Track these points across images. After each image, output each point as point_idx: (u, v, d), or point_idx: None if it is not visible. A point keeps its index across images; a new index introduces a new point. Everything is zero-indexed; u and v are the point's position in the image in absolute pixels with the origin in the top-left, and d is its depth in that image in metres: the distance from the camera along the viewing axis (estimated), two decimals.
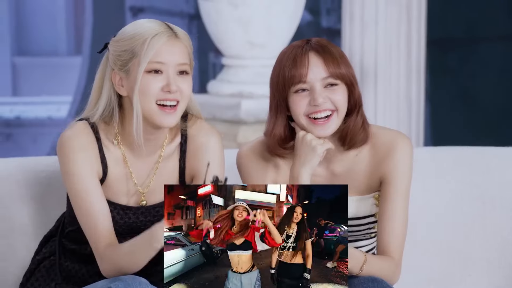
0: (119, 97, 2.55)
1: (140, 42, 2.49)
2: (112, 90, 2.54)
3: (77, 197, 2.54)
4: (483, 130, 6.18)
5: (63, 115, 7.09)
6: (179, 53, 2.51)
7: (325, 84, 2.57)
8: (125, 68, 2.51)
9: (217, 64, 6.21)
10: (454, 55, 6.34)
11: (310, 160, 2.56)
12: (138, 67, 2.48)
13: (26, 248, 2.83)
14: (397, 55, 5.41)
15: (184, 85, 2.52)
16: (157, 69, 2.50)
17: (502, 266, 2.97)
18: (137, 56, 2.49)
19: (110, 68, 2.54)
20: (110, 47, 2.55)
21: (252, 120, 5.33)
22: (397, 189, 2.60)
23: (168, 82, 2.49)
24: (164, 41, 2.49)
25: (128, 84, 2.51)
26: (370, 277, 2.49)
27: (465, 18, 6.29)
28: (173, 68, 2.50)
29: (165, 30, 2.51)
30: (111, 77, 2.54)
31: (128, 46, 2.50)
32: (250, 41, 5.40)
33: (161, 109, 2.50)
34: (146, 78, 2.49)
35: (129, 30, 2.53)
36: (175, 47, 2.51)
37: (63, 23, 7.98)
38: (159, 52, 2.49)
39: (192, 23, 7.08)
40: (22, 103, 7.57)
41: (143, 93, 2.49)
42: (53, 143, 6.91)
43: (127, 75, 2.51)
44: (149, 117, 2.51)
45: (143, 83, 2.49)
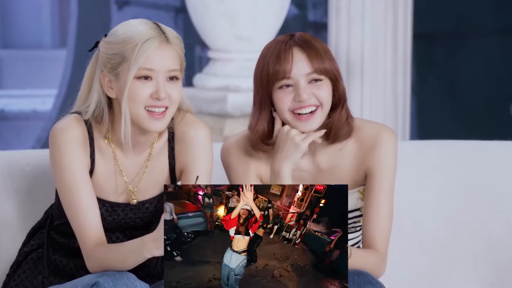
0: (109, 98, 2.53)
1: (131, 47, 2.46)
2: (101, 91, 2.52)
3: (66, 192, 2.52)
4: (469, 124, 6.19)
5: (48, 109, 7.05)
6: (170, 59, 2.49)
7: (309, 80, 2.56)
8: (115, 71, 2.49)
9: (204, 58, 6.19)
10: (440, 50, 6.34)
11: (291, 155, 2.56)
12: (128, 73, 2.46)
13: (12, 241, 2.81)
14: (383, 49, 5.41)
15: (174, 91, 2.50)
16: (147, 76, 2.47)
17: (488, 260, 2.98)
18: (127, 61, 2.46)
19: (100, 69, 2.52)
20: (100, 47, 2.52)
21: (239, 114, 5.32)
22: (382, 182, 2.60)
23: (157, 89, 2.47)
24: (156, 47, 2.46)
25: (118, 88, 2.49)
26: (355, 271, 2.49)
27: (452, 13, 6.30)
28: (163, 75, 2.48)
29: (156, 34, 2.48)
30: (100, 78, 2.52)
31: (118, 50, 2.47)
32: (237, 34, 5.39)
33: (150, 115, 2.49)
34: (135, 84, 2.47)
35: (121, 33, 2.49)
36: (166, 53, 2.48)
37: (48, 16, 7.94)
38: (149, 58, 2.46)
39: (178, 17, 7.05)
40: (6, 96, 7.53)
41: (131, 99, 2.47)
42: (38, 137, 6.87)
43: (116, 79, 2.49)
44: (137, 122, 2.50)
45: (132, 89, 2.47)
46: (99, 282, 2.38)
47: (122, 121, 2.48)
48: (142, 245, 2.38)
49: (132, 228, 2.62)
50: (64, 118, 2.55)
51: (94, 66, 2.54)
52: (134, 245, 2.42)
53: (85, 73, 2.56)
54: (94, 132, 2.55)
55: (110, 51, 2.49)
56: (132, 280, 2.40)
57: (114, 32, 2.51)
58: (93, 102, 2.52)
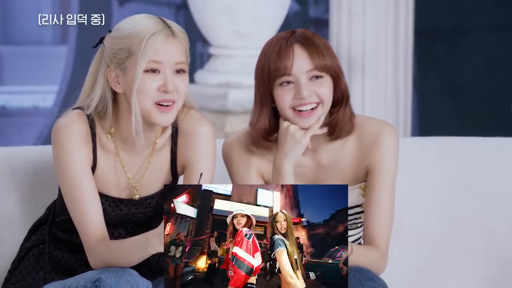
0: (114, 93, 2.53)
1: (137, 41, 2.46)
2: (106, 86, 2.52)
3: (69, 188, 2.52)
4: (470, 120, 6.19)
5: (49, 105, 7.05)
6: (177, 52, 2.49)
7: (310, 77, 2.56)
8: (122, 66, 2.49)
9: (205, 54, 6.19)
10: (441, 46, 6.34)
11: (292, 151, 2.55)
12: (136, 67, 2.46)
13: (13, 238, 2.82)
14: (384, 45, 5.40)
15: (181, 84, 2.50)
16: (154, 68, 2.48)
17: (489, 257, 2.98)
18: (134, 55, 2.47)
19: (106, 64, 2.52)
20: (105, 42, 2.52)
21: (240, 110, 5.32)
22: (383, 178, 2.60)
23: (165, 82, 2.48)
24: (162, 40, 2.47)
25: (125, 83, 2.50)
26: (356, 267, 2.49)
27: (453, 9, 6.29)
28: (170, 67, 2.49)
29: (162, 28, 2.48)
30: (107, 73, 2.52)
31: (124, 44, 2.48)
32: (237, 31, 5.38)
33: (158, 108, 2.49)
34: (143, 78, 2.47)
35: (126, 28, 2.50)
36: (173, 46, 2.49)
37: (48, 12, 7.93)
38: (156, 52, 2.47)
39: (179, 13, 7.05)
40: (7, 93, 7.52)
41: (140, 93, 2.48)
42: (39, 133, 6.87)
43: (123, 73, 2.49)
44: (146, 116, 2.50)
45: (140, 83, 2.47)
46: (101, 278, 2.37)
47: (132, 117, 2.48)
48: (146, 241, 2.38)
49: (134, 224, 2.62)
50: (66, 114, 2.55)
51: (99, 62, 2.54)
52: (138, 241, 2.42)
53: (89, 68, 2.56)
54: (97, 127, 2.55)
55: (116, 46, 2.49)
56: (134, 277, 2.40)
57: (119, 27, 2.52)
58: (96, 96, 2.52)
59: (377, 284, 2.47)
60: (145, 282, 2.41)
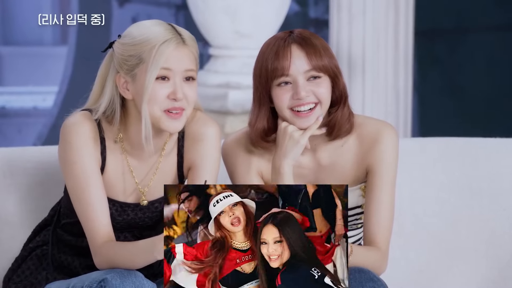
0: (122, 98, 2.53)
1: (148, 48, 2.46)
2: (115, 91, 2.52)
3: (76, 188, 2.50)
4: (471, 121, 6.18)
5: (49, 105, 7.05)
6: (187, 60, 2.49)
7: (308, 77, 2.55)
8: (132, 72, 2.48)
9: (205, 55, 6.18)
10: (442, 46, 6.33)
11: (290, 151, 2.55)
12: (147, 75, 2.46)
13: (12, 238, 2.81)
14: (385, 45, 5.40)
15: (190, 92, 2.50)
16: (164, 76, 2.48)
17: (490, 257, 2.98)
18: (144, 62, 2.46)
19: (115, 70, 2.51)
20: (115, 48, 2.52)
21: (240, 111, 5.32)
22: (383, 179, 2.60)
23: (174, 89, 2.47)
24: (173, 48, 2.47)
25: (134, 89, 2.49)
26: (357, 268, 2.49)
27: (453, 9, 6.29)
28: (180, 75, 2.48)
29: (173, 36, 2.48)
30: (116, 79, 2.51)
31: (135, 51, 2.47)
32: (237, 31, 5.38)
33: (167, 115, 2.48)
34: (153, 85, 2.47)
35: (136, 34, 2.49)
36: (183, 54, 2.48)
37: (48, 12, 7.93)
38: (167, 59, 2.46)
39: (179, 13, 7.04)
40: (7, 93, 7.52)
41: (149, 100, 2.47)
42: (39, 134, 6.87)
43: (133, 80, 2.49)
44: (155, 123, 2.50)
45: (150, 91, 2.46)
46: (106, 279, 2.37)
47: (142, 124, 2.47)
48: (153, 246, 2.37)
49: (140, 228, 2.62)
50: (74, 114, 2.54)
51: (107, 66, 2.54)
52: (145, 244, 2.40)
53: (98, 72, 2.56)
54: (105, 131, 2.54)
55: (126, 53, 2.48)
56: (140, 279, 2.39)
57: (129, 33, 2.50)
58: (105, 102, 2.51)
59: (377, 284, 2.47)
60: (150, 285, 2.40)
